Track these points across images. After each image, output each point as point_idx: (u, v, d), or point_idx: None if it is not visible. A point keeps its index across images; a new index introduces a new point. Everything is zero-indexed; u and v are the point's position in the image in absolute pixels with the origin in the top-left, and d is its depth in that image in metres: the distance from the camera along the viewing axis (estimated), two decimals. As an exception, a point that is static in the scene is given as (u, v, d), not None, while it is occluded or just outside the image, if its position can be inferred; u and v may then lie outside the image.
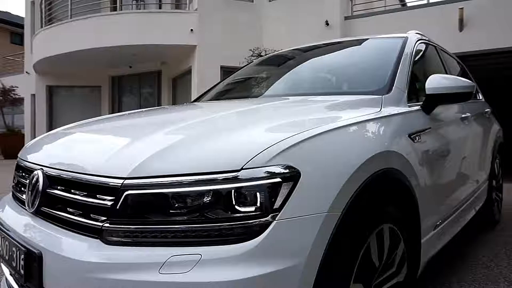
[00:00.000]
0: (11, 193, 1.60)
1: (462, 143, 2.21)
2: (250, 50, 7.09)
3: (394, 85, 1.74)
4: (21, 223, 1.26)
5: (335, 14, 7.41)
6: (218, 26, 7.98)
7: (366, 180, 1.16)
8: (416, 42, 2.18)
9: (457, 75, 3.16)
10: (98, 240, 1.00)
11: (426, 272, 2.35)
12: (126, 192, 0.98)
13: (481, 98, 3.54)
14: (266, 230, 0.93)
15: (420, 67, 2.18)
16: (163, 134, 1.20)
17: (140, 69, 10.30)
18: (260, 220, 0.94)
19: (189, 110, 1.76)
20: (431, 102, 1.81)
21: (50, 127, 11.24)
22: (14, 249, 1.19)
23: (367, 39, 2.35)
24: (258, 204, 0.95)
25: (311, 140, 1.09)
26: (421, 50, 2.29)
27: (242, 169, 0.95)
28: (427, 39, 2.54)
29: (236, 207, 0.94)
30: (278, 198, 0.96)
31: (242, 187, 0.94)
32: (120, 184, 0.99)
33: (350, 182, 1.09)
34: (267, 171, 0.96)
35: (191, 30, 7.83)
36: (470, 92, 1.81)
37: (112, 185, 1.01)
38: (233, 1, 8.21)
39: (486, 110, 3.16)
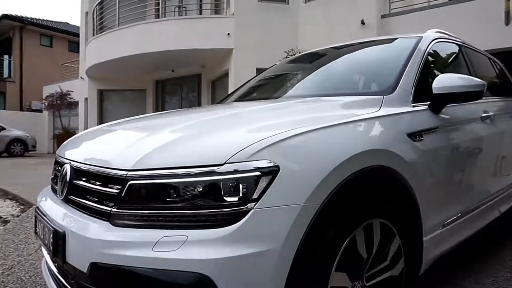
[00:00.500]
0: (50, 185, 1.86)
1: (480, 142, 2.16)
2: (285, 51, 7.17)
3: (399, 85, 1.77)
4: (53, 208, 1.48)
5: (371, 13, 7.28)
6: (254, 29, 8.16)
7: (349, 177, 1.23)
8: (432, 42, 2.16)
9: (490, 74, 3.06)
10: (107, 222, 1.17)
11: (440, 271, 2.34)
12: (129, 182, 1.15)
13: (517, 96, 3.37)
14: (245, 218, 1.05)
15: (436, 67, 2.17)
16: (166, 132, 1.36)
17: (181, 73, 10.79)
18: (239, 208, 1.06)
19: (202, 112, 1.92)
20: (438, 101, 1.81)
21: (101, 128, 12.09)
22: (46, 229, 1.41)
23: (383, 40, 2.38)
24: (239, 194, 1.07)
25: (294, 139, 1.19)
26: (438, 50, 2.27)
27: (225, 163, 1.08)
28: (449, 37, 2.51)
29: (218, 196, 1.07)
30: (256, 190, 1.07)
31: (222, 179, 1.07)
32: (124, 175, 1.16)
33: (330, 179, 1.17)
34: (247, 166, 1.08)
35: (228, 34, 8.09)
36: (479, 91, 1.79)
37: (118, 176, 1.18)
38: (268, 4, 8.34)
39: None
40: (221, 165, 1.08)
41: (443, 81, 1.78)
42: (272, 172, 1.09)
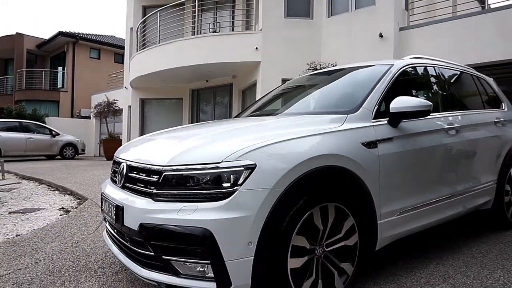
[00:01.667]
0: (110, 177, 2.59)
1: (438, 149, 2.64)
2: (307, 64, 7.74)
3: (363, 106, 2.33)
4: (114, 192, 2.18)
5: (389, 26, 7.64)
6: (280, 43, 8.79)
7: (306, 172, 1.82)
8: (401, 68, 2.69)
9: (467, 90, 3.50)
10: (150, 199, 1.85)
11: (410, 249, 2.86)
12: (164, 173, 1.82)
13: (503, 108, 3.76)
14: (232, 195, 1.68)
15: (403, 89, 2.67)
16: (187, 141, 2.04)
17: (214, 83, 11.65)
18: (230, 190, 1.69)
19: (216, 126, 2.56)
20: (395, 118, 2.35)
21: (142, 132, 13.24)
22: (110, 206, 2.12)
23: (362, 66, 2.93)
24: (230, 181, 1.71)
25: (268, 146, 1.81)
26: (409, 74, 2.79)
27: (222, 161, 1.73)
28: (422, 62, 3.01)
29: (218, 182, 1.71)
30: (241, 178, 1.70)
31: (221, 171, 1.71)
32: (161, 169, 1.84)
33: (290, 173, 1.77)
34: (236, 163, 1.72)
35: (256, 48, 8.79)
36: (426, 110, 2.31)
37: (157, 169, 1.86)
38: (294, 20, 8.93)
39: (497, 119, 3.41)
40: (219, 163, 1.73)
41: (398, 102, 2.32)
42: (251, 168, 1.73)
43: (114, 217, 2.05)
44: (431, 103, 2.34)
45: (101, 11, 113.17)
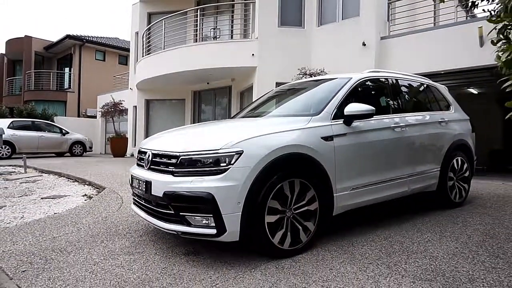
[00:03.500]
0: (136, 163, 3.42)
1: (383, 142, 3.45)
2: (299, 69, 8.57)
3: (324, 110, 3.16)
4: (143, 173, 3.01)
5: (371, 35, 8.46)
6: (274, 50, 9.62)
7: (278, 156, 2.64)
8: (358, 81, 3.53)
9: (416, 96, 4.32)
10: (171, 175, 2.69)
11: (366, 221, 3.69)
12: (180, 157, 2.66)
13: (451, 110, 4.59)
14: (227, 171, 2.51)
15: (358, 97, 3.49)
16: (195, 136, 2.90)
17: (215, 85, 12.50)
18: (225, 168, 2.53)
19: (215, 125, 3.41)
20: (348, 119, 3.18)
21: (147, 131, 14.11)
22: (140, 182, 2.96)
23: (328, 78, 3.77)
24: (225, 162, 2.55)
25: (252, 138, 2.64)
26: (362, 86, 3.60)
27: (220, 149, 2.57)
28: (377, 75, 3.85)
29: (217, 162, 2.55)
30: (233, 160, 2.54)
31: (219, 155, 2.55)
32: (178, 155, 2.68)
33: (266, 157, 2.58)
34: (230, 150, 2.55)
35: (252, 54, 9.64)
36: (370, 113, 3.14)
37: (176, 155, 2.70)
38: (287, 29, 9.77)
39: (441, 119, 4.23)
40: (218, 149, 2.57)
41: (350, 107, 3.15)
42: (239, 153, 2.56)
43: (144, 189, 2.89)
44: (374, 108, 3.16)
45: (105, 13, 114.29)
